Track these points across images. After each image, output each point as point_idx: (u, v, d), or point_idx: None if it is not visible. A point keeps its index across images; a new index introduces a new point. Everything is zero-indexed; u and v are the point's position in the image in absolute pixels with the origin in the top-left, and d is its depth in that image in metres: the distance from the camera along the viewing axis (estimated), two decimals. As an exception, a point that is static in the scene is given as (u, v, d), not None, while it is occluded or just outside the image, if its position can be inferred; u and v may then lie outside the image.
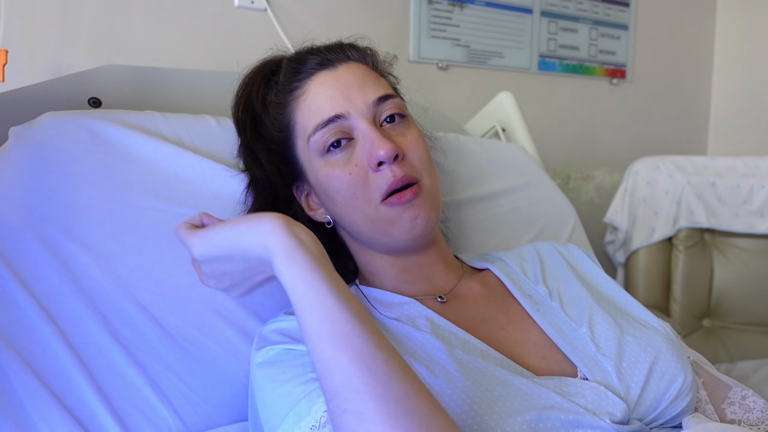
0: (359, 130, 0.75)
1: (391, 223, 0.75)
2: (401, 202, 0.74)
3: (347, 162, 0.75)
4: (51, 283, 0.76)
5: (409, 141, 0.77)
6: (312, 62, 0.79)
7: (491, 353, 0.68)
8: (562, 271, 0.83)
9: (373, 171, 0.74)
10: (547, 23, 1.87)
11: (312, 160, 0.78)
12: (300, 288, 0.57)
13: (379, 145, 0.73)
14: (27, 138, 0.80)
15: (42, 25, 1.19)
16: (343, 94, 0.76)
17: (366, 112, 0.76)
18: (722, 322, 1.79)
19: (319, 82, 0.77)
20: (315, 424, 0.59)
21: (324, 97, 0.76)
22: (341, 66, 0.79)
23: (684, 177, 1.74)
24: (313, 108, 0.76)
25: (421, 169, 0.77)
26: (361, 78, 0.78)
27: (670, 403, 0.65)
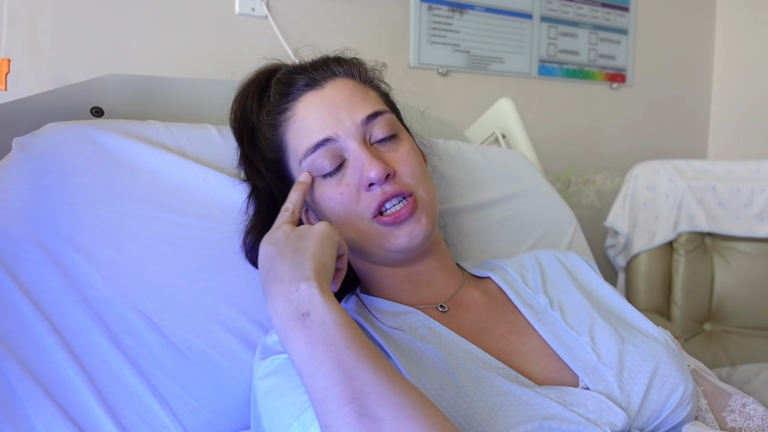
0: (350, 150, 0.76)
1: (385, 238, 0.76)
2: (396, 222, 0.75)
3: (339, 183, 0.76)
4: (54, 293, 0.76)
5: (400, 156, 0.78)
6: (299, 83, 0.79)
7: (493, 363, 0.68)
8: (562, 280, 0.83)
9: (365, 191, 0.75)
10: (547, 28, 1.87)
11: None
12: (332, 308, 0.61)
13: (370, 167, 0.73)
14: (30, 148, 0.81)
15: (44, 35, 1.20)
16: (331, 115, 0.76)
17: (355, 132, 0.76)
18: (723, 326, 1.79)
19: (307, 104, 0.78)
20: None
21: (312, 119, 0.77)
22: (328, 85, 0.79)
23: (684, 181, 1.74)
24: (302, 131, 0.77)
25: (415, 183, 0.77)
26: (348, 96, 0.78)
27: (671, 413, 0.65)
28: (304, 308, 0.60)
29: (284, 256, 0.66)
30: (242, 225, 0.86)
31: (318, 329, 0.58)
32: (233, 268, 0.85)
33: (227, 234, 0.86)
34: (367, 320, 0.76)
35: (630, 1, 2.03)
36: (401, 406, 0.53)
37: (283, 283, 0.63)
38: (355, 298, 0.82)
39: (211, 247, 0.85)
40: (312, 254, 0.65)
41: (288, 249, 0.67)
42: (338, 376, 0.55)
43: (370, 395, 0.54)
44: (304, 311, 0.60)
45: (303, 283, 0.62)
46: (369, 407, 0.53)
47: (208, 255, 0.85)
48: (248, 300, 0.84)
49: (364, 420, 0.52)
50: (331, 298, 0.62)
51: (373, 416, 0.52)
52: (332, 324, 0.59)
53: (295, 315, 0.60)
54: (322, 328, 0.58)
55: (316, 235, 0.68)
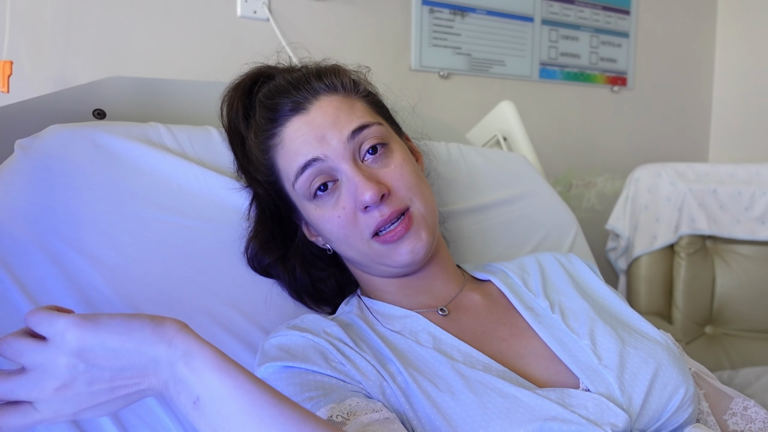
0: (341, 172, 0.75)
1: (385, 256, 0.76)
2: (394, 240, 0.74)
3: (335, 205, 0.75)
4: (56, 295, 0.76)
5: (393, 171, 0.76)
6: (284, 109, 0.78)
7: (493, 366, 0.68)
8: (563, 283, 0.83)
9: (361, 212, 0.74)
10: (548, 31, 1.88)
11: (302, 203, 0.79)
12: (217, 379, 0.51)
13: (363, 190, 0.72)
14: (33, 150, 0.81)
15: (47, 37, 1.20)
16: (317, 137, 0.75)
17: (343, 151, 0.75)
18: (724, 329, 1.79)
19: (293, 128, 0.77)
20: None
21: (299, 143, 0.76)
22: (312, 107, 0.77)
23: (685, 184, 1.74)
24: (290, 155, 0.76)
25: (410, 196, 0.76)
26: (333, 114, 0.76)
27: (672, 415, 0.65)
28: (191, 393, 0.51)
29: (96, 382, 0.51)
30: (245, 231, 0.86)
31: (213, 414, 0.51)
32: (235, 271, 0.85)
33: (229, 236, 0.86)
34: (367, 323, 0.76)
35: (631, 5, 2.03)
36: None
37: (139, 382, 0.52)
38: (357, 300, 0.82)
39: (213, 248, 0.85)
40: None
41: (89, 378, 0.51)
42: None
43: None
44: (194, 397, 0.51)
45: (159, 364, 0.52)
46: None
47: (210, 257, 0.85)
48: (250, 302, 0.85)
49: None
50: (205, 354, 0.52)
51: None
52: (220, 398, 0.50)
53: (188, 404, 0.51)
54: (215, 411, 0.51)
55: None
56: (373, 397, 0.65)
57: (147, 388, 0.52)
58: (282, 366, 0.68)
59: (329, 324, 0.74)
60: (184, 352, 0.51)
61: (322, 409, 0.62)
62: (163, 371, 0.51)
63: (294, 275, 0.84)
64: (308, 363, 0.67)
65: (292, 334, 0.71)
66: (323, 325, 0.73)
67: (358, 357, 0.69)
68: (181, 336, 0.52)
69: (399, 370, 0.67)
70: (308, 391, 0.64)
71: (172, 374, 0.51)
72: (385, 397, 0.65)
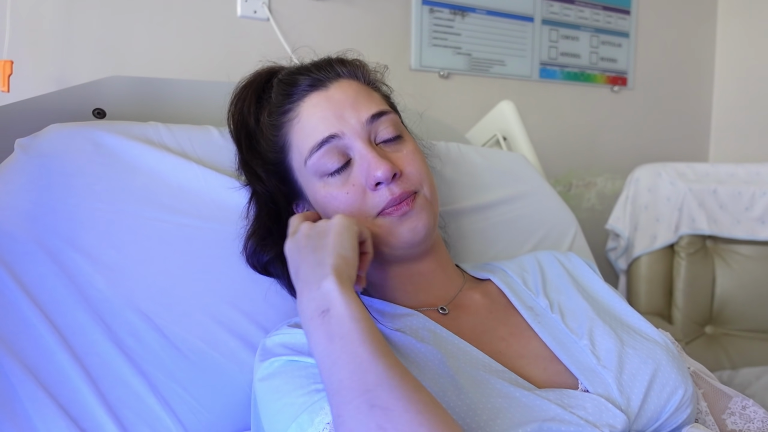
0: (355, 150, 0.76)
1: (389, 233, 0.76)
2: (398, 213, 0.75)
3: (344, 183, 0.76)
4: (55, 294, 0.76)
5: (405, 156, 0.78)
6: (303, 84, 0.79)
7: (493, 365, 0.68)
8: (562, 282, 0.83)
9: (371, 191, 0.75)
10: (548, 31, 1.88)
11: (310, 181, 0.79)
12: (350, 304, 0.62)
13: (377, 166, 0.73)
14: (32, 150, 0.81)
15: (47, 37, 1.20)
16: (336, 114, 0.76)
17: (360, 131, 0.76)
18: (724, 329, 1.79)
19: (311, 104, 0.78)
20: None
21: (317, 118, 0.77)
22: (332, 85, 0.79)
23: (685, 184, 1.74)
24: (307, 130, 0.77)
25: (419, 181, 0.78)
26: (353, 96, 0.78)
27: (671, 415, 0.65)
28: (324, 305, 0.62)
29: (305, 256, 0.68)
30: (243, 229, 0.86)
31: (336, 325, 0.60)
32: (234, 269, 0.85)
33: (228, 235, 0.86)
34: None
35: (631, 5, 2.03)
36: (412, 401, 0.54)
37: (307, 283, 0.65)
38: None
39: (213, 248, 0.85)
40: (331, 251, 0.66)
41: (308, 249, 0.69)
42: (353, 370, 0.56)
43: (383, 388, 0.55)
44: (325, 308, 0.61)
45: (324, 281, 0.63)
46: (381, 399, 0.54)
47: (210, 256, 0.85)
48: (249, 301, 0.85)
49: (375, 410, 0.53)
50: (350, 293, 0.63)
51: (384, 407, 0.53)
52: (349, 319, 0.60)
53: (316, 312, 0.62)
54: (340, 324, 0.60)
55: (334, 229, 0.69)
56: None
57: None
58: (288, 360, 0.68)
59: None
60: (341, 281, 0.63)
61: None
62: (318, 280, 0.64)
63: None
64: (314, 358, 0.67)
65: (294, 332, 0.71)
66: None
67: None
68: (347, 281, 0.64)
69: None
70: (316, 383, 0.64)
71: (317, 283, 0.63)
72: None
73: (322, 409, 0.61)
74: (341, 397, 0.55)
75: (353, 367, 0.57)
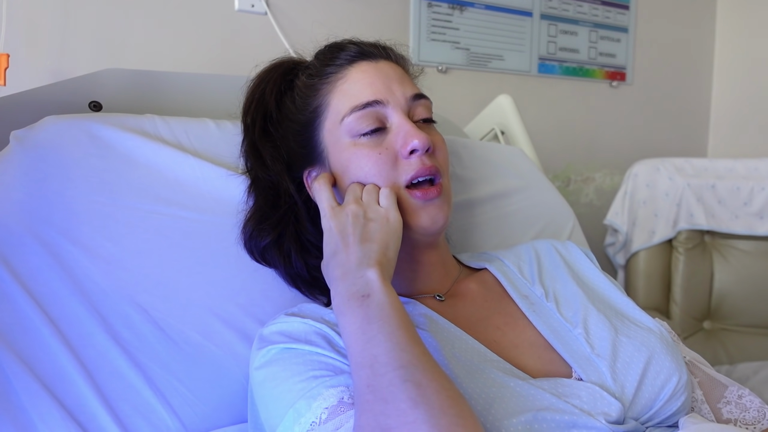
0: (394, 119, 0.78)
1: (410, 214, 0.76)
2: (426, 198, 0.76)
3: (377, 145, 0.77)
4: (51, 286, 0.76)
5: (437, 140, 0.81)
6: (353, 50, 0.81)
7: (488, 354, 0.68)
8: (558, 270, 0.83)
9: (404, 158, 0.76)
10: (547, 26, 1.87)
11: (339, 140, 0.79)
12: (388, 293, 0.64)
13: (415, 134, 0.75)
14: (28, 142, 0.81)
15: (43, 30, 1.20)
16: (384, 84, 0.79)
17: (404, 104, 0.79)
18: (722, 324, 1.79)
19: (360, 69, 0.80)
20: (315, 421, 0.60)
21: (365, 83, 0.79)
22: (382, 61, 0.82)
23: (684, 179, 1.74)
24: (352, 91, 0.79)
25: (444, 169, 0.80)
26: (400, 74, 0.82)
27: (665, 403, 0.65)
28: (365, 291, 0.64)
29: (350, 244, 0.70)
30: (241, 216, 0.86)
31: (375, 309, 0.62)
32: (231, 262, 0.85)
33: (225, 227, 0.86)
34: None
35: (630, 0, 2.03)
36: (443, 385, 0.55)
37: (349, 271, 0.67)
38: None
39: (209, 240, 0.85)
40: (379, 247, 0.69)
41: (355, 236, 0.70)
42: (389, 348, 0.58)
43: (417, 368, 0.56)
44: (366, 293, 0.64)
45: (368, 272, 0.65)
46: (415, 376, 0.55)
47: (206, 248, 0.85)
48: (246, 293, 0.84)
49: (408, 384, 0.54)
50: (391, 288, 0.65)
51: (417, 383, 0.54)
52: (389, 307, 0.62)
53: (356, 295, 0.64)
54: (379, 309, 0.62)
55: (386, 228, 0.71)
56: None
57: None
58: (284, 348, 0.68)
59: (328, 312, 0.73)
60: (383, 276, 0.65)
61: (330, 389, 0.61)
62: (361, 271, 0.66)
63: (289, 260, 0.84)
64: (312, 345, 0.67)
65: (293, 320, 0.71)
66: (321, 313, 0.73)
67: None
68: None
69: None
70: (314, 370, 0.64)
71: (360, 272, 0.65)
72: None
73: (320, 395, 0.61)
74: (374, 369, 0.56)
75: (390, 345, 0.58)
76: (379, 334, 0.59)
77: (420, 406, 0.52)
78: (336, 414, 0.59)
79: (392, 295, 0.64)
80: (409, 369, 0.55)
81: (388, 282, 0.65)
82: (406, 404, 0.53)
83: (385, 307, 0.62)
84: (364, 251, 0.68)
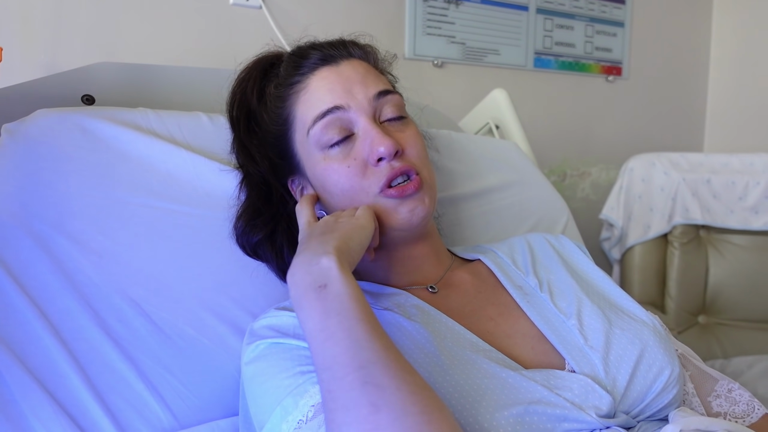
0: (359, 125, 0.76)
1: (388, 213, 0.76)
2: (402, 195, 0.75)
3: (346, 156, 0.76)
4: (43, 279, 0.76)
5: (407, 137, 0.79)
6: (314, 57, 0.80)
7: (480, 345, 0.68)
8: (552, 262, 0.83)
9: (373, 166, 0.75)
10: (543, 20, 1.87)
11: (311, 153, 0.78)
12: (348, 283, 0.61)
13: (380, 142, 0.74)
14: (19, 135, 0.80)
15: (36, 23, 1.19)
16: (345, 88, 0.77)
17: (366, 107, 0.77)
18: (717, 318, 1.79)
19: (321, 76, 0.78)
20: (302, 419, 0.60)
21: (324, 90, 0.77)
22: (343, 62, 0.80)
23: (679, 174, 1.74)
24: (312, 100, 0.77)
25: (420, 163, 0.78)
26: (362, 74, 0.79)
27: (657, 395, 0.65)
28: (321, 281, 0.61)
29: (313, 237, 0.69)
30: (232, 213, 0.86)
31: (333, 301, 0.59)
32: (223, 256, 0.85)
33: (217, 221, 0.86)
34: None
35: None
36: (406, 381, 0.53)
37: (305, 257, 0.64)
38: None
39: (201, 234, 0.85)
40: (340, 235, 0.67)
41: (318, 231, 0.70)
42: (348, 346, 0.55)
43: (377, 366, 0.54)
44: (322, 283, 0.61)
45: (324, 257, 0.63)
46: (374, 376, 0.53)
47: (198, 242, 0.85)
48: (238, 287, 0.84)
49: (367, 387, 0.52)
50: (349, 274, 0.62)
51: (377, 384, 0.52)
52: (347, 298, 0.59)
53: (312, 286, 0.61)
54: (338, 301, 0.59)
55: (352, 223, 0.70)
56: None
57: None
58: (272, 342, 0.68)
59: None
60: (341, 261, 0.62)
61: (317, 386, 0.61)
62: (317, 257, 0.63)
63: (282, 255, 0.84)
64: (299, 340, 0.67)
65: (282, 314, 0.71)
66: None
67: None
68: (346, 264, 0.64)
69: None
70: (301, 365, 0.64)
71: (316, 258, 0.63)
72: None
73: (306, 392, 0.61)
74: (333, 372, 0.54)
75: (348, 343, 0.56)
76: (338, 330, 0.57)
77: (381, 410, 0.50)
78: (321, 411, 0.59)
79: (351, 284, 0.61)
80: (369, 369, 0.54)
81: (348, 271, 0.63)
82: (367, 410, 0.51)
83: (343, 298, 0.59)
84: (323, 239, 0.66)
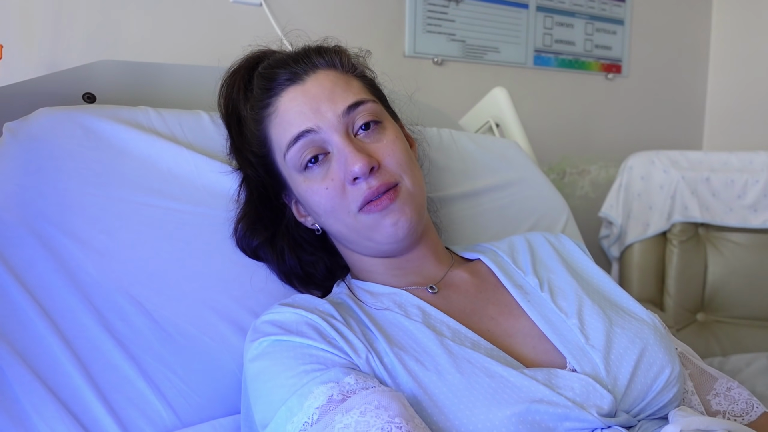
0: (332, 144, 0.75)
1: (371, 229, 0.75)
2: (378, 209, 0.74)
3: (324, 177, 0.76)
4: (45, 278, 0.76)
5: (384, 146, 0.77)
6: (281, 78, 0.79)
7: (482, 344, 0.68)
8: (552, 261, 0.83)
9: (350, 185, 0.75)
10: (543, 18, 1.87)
11: (292, 175, 0.79)
12: None
13: (353, 161, 0.73)
14: (21, 133, 0.80)
15: (37, 21, 1.19)
16: (312, 108, 0.76)
17: (337, 124, 0.75)
18: (716, 316, 1.80)
19: (288, 98, 0.77)
20: (307, 421, 0.60)
21: (293, 113, 0.76)
22: (309, 79, 0.78)
23: (678, 172, 1.75)
24: (283, 125, 0.77)
25: (400, 172, 0.76)
26: (329, 88, 0.77)
27: (658, 394, 0.65)
28: None
29: None
30: (233, 212, 0.86)
31: None
32: (225, 254, 0.85)
33: (219, 220, 0.86)
34: (357, 302, 0.76)
35: (626, -8, 2.03)
36: None
37: None
38: (345, 282, 0.83)
39: (203, 232, 0.85)
40: None
41: None
42: None
43: None
44: None
45: None
46: None
47: (200, 240, 0.85)
48: (239, 285, 0.85)
49: None
50: None
51: None
52: None
53: None
54: None
55: None
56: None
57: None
58: (276, 339, 0.68)
59: (321, 302, 0.74)
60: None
61: (321, 386, 0.61)
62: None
63: (282, 258, 0.84)
64: (303, 337, 0.67)
65: (286, 310, 0.71)
66: (315, 303, 0.74)
67: (350, 333, 0.68)
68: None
69: (385, 350, 0.67)
70: (305, 364, 0.64)
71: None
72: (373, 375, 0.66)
73: (311, 393, 0.61)
74: None
75: None
76: None
77: None
78: (325, 413, 0.59)
79: None
80: None
81: None
82: None
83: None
84: None
